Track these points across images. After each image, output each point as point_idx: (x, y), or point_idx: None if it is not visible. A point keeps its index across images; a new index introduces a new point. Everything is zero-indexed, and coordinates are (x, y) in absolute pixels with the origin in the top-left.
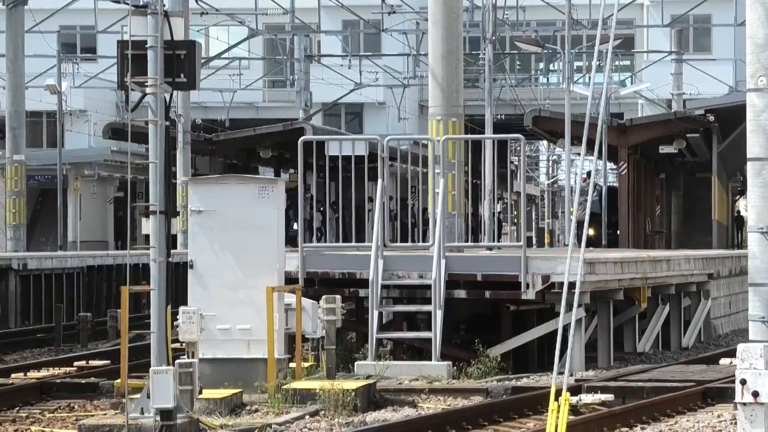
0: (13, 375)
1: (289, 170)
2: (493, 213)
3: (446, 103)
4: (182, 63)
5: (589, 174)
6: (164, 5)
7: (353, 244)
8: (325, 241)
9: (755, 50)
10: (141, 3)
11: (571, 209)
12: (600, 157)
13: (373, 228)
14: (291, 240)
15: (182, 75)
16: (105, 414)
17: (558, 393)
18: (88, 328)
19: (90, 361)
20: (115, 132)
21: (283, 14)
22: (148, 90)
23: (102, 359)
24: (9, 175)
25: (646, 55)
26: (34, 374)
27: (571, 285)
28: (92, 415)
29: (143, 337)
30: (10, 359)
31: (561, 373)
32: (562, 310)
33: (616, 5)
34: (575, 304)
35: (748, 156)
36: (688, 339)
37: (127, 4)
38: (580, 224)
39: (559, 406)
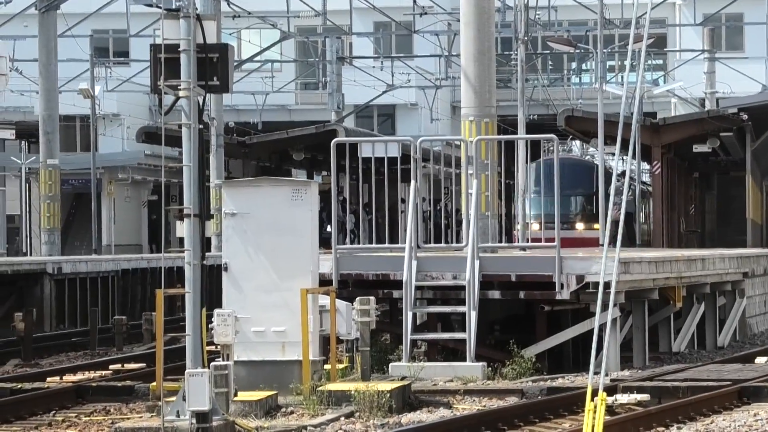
0: (48, 379)
1: (322, 172)
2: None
3: (479, 104)
4: (215, 66)
5: (623, 173)
6: (196, 8)
7: (387, 245)
8: (359, 243)
9: None
10: (173, 6)
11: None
12: (634, 156)
13: (406, 229)
14: (324, 242)
15: (215, 78)
16: (141, 417)
17: (594, 393)
18: (123, 331)
19: (125, 365)
20: (149, 135)
21: (314, 16)
22: (181, 93)
23: (137, 362)
24: (43, 179)
25: (679, 54)
26: (69, 378)
27: (606, 285)
28: (128, 419)
29: (178, 340)
30: (46, 363)
31: (597, 373)
32: (598, 309)
33: (650, 4)
34: (611, 303)
35: None
36: (723, 338)
37: (160, 7)
38: (615, 223)
39: (595, 407)
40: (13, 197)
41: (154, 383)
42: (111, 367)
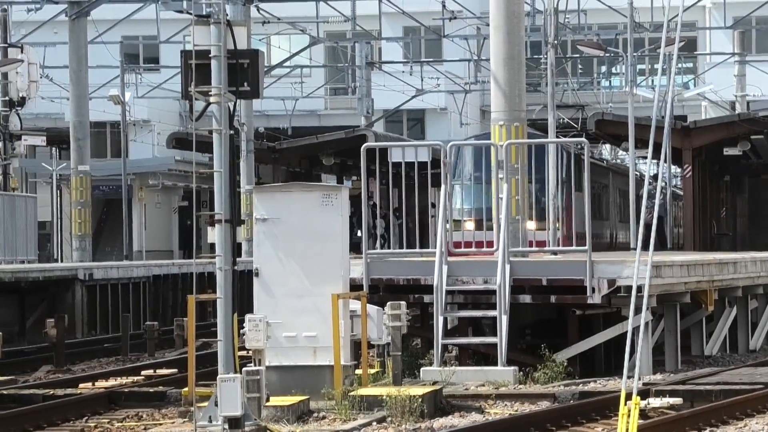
0: (81, 385)
1: (352, 177)
2: (558, 217)
3: (509, 108)
4: (245, 72)
5: (655, 177)
6: (227, 15)
7: (417, 250)
8: (389, 248)
9: None
10: (204, 13)
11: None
12: (665, 160)
13: (436, 234)
14: (355, 247)
15: (245, 84)
16: (173, 423)
17: (627, 397)
18: (154, 337)
19: (157, 370)
20: (179, 141)
21: (343, 22)
22: (212, 99)
23: (169, 368)
24: (74, 185)
25: (709, 57)
26: (101, 384)
27: (638, 288)
28: (160, 424)
29: (210, 346)
30: (78, 369)
31: (630, 377)
32: (631, 314)
33: (681, 8)
34: (644, 307)
35: None
36: (755, 341)
37: (190, 13)
38: (647, 227)
39: (629, 411)
40: (44, 204)
41: (186, 389)
42: (143, 372)
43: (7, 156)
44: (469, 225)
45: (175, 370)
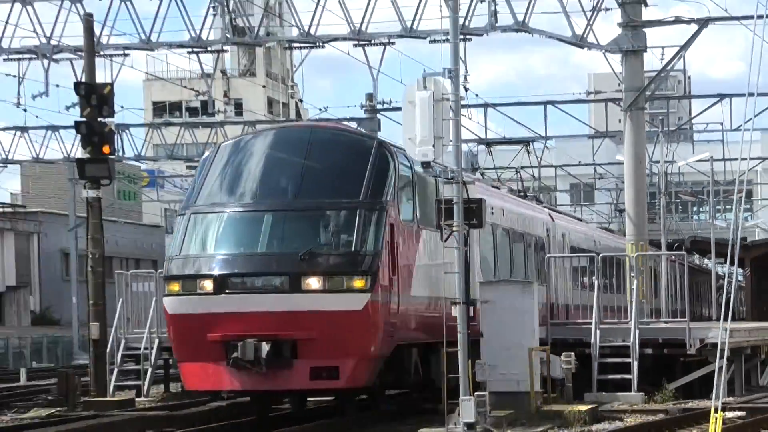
0: None
1: None
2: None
3: (637, 233)
4: (474, 212)
5: (727, 275)
6: (463, 178)
7: (580, 320)
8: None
9: None
10: (449, 176)
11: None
12: (733, 264)
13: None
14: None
15: (474, 219)
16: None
17: (714, 410)
18: None
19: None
20: None
21: (533, 181)
22: (454, 228)
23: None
24: None
25: (759, 201)
26: None
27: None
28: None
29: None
30: None
31: (715, 399)
32: (717, 360)
33: (746, 173)
34: (724, 356)
35: None
36: None
37: (438, 176)
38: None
39: (716, 420)
40: None
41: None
42: None
43: None
44: (207, 284)
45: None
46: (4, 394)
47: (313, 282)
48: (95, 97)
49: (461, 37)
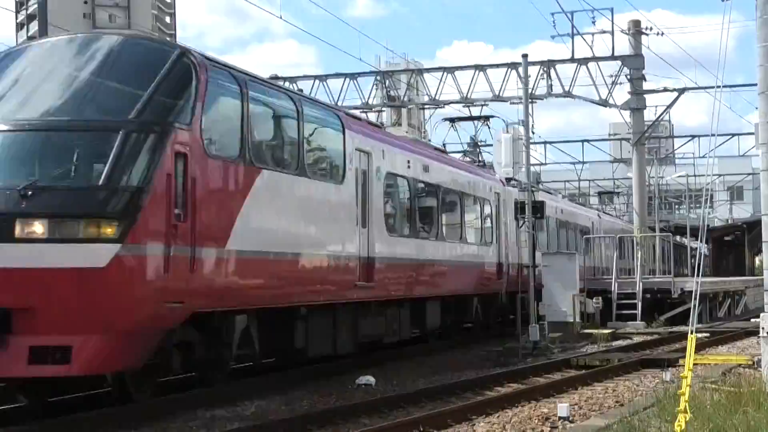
0: None
1: None
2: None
3: (641, 222)
4: (538, 209)
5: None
6: (531, 188)
7: (605, 277)
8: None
9: None
10: (521, 188)
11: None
12: (701, 241)
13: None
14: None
15: (539, 214)
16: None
17: (690, 333)
18: None
19: None
20: None
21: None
22: (521, 222)
23: None
24: None
25: (717, 202)
26: None
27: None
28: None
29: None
30: None
31: (691, 325)
32: (692, 301)
33: (709, 185)
34: (696, 298)
35: None
36: (738, 310)
37: (519, 186)
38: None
39: (691, 338)
40: None
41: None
42: None
43: None
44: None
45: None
46: None
47: (36, 227)
48: None
49: (530, 100)
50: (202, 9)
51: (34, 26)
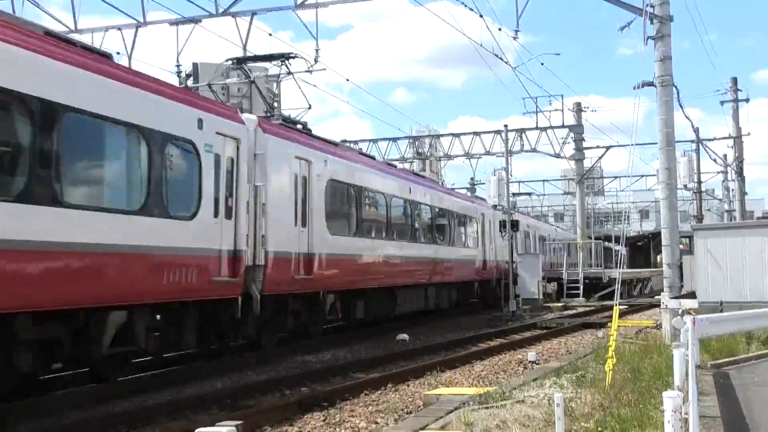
0: None
1: None
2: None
3: (582, 234)
4: (515, 225)
5: (620, 250)
6: (510, 211)
7: (559, 269)
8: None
9: None
10: (503, 211)
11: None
12: (621, 245)
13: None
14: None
15: (515, 228)
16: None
17: (615, 305)
18: None
19: None
20: None
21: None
22: (507, 232)
23: None
24: None
25: (629, 220)
26: None
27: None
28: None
29: None
30: None
31: (615, 301)
32: (616, 285)
33: (626, 210)
34: (618, 283)
35: None
36: (648, 289)
37: (499, 210)
38: (618, 262)
39: (616, 309)
40: None
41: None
42: None
43: None
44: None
45: None
46: None
47: None
48: None
49: (509, 154)
50: (298, 96)
51: None
